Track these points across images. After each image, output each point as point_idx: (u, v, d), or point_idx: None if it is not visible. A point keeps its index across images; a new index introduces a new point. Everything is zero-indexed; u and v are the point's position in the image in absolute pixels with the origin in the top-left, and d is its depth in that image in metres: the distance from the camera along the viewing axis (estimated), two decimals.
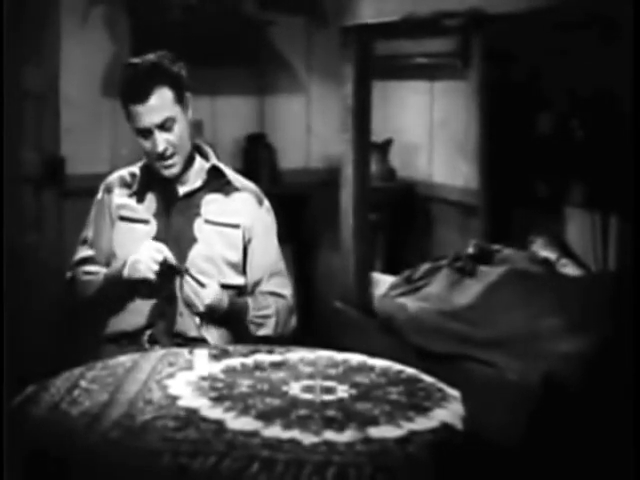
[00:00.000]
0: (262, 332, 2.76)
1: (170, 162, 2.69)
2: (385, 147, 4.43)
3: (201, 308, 2.64)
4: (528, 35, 3.41)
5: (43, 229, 4.12)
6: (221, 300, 2.68)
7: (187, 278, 2.64)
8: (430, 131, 4.40)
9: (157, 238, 2.71)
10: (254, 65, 4.47)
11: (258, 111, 4.56)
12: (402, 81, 4.51)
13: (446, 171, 4.31)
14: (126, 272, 2.65)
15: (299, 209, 4.44)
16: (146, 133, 2.64)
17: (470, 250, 3.18)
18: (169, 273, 2.64)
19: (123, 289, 2.68)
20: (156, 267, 2.60)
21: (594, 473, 2.23)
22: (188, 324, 2.68)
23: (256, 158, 4.46)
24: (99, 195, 2.84)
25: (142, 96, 2.60)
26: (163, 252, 2.62)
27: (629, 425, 1.85)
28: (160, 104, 2.62)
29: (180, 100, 2.66)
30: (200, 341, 2.66)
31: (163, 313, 2.69)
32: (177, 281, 2.65)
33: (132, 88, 2.63)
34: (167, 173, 2.71)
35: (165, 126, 2.63)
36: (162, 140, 2.64)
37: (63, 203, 4.11)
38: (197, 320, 2.68)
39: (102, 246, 2.81)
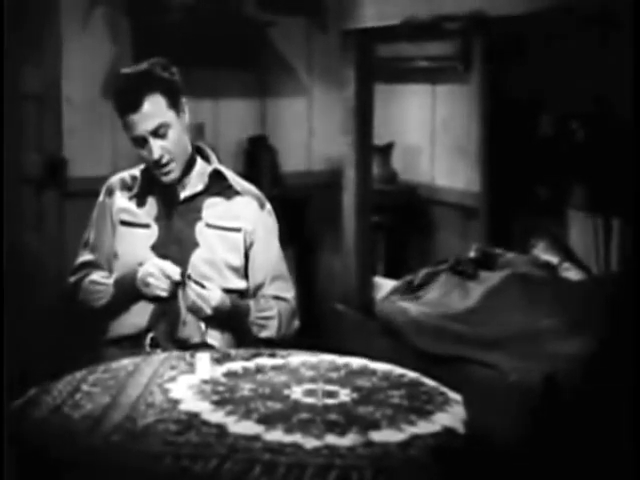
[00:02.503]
0: (265, 334, 2.76)
1: (167, 169, 2.69)
2: (387, 150, 4.43)
3: (209, 311, 2.64)
4: (529, 38, 3.41)
5: (44, 230, 4.12)
6: (224, 301, 2.68)
7: (190, 284, 2.64)
8: (432, 134, 4.40)
9: (158, 242, 2.71)
10: (255, 67, 4.47)
11: (260, 113, 4.56)
12: (404, 84, 4.51)
13: (447, 174, 4.31)
14: (138, 285, 2.66)
15: (301, 211, 4.44)
16: (141, 141, 2.65)
17: (472, 254, 3.18)
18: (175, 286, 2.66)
19: (136, 295, 2.69)
20: (167, 287, 2.62)
21: (595, 474, 2.23)
22: (192, 331, 2.68)
23: (258, 160, 4.45)
24: (100, 197, 2.84)
25: (134, 105, 2.60)
26: (168, 271, 2.63)
27: (630, 426, 1.86)
28: (153, 111, 2.62)
29: (174, 105, 2.66)
30: (204, 346, 2.66)
31: (164, 314, 2.69)
32: (179, 290, 2.66)
33: (124, 98, 2.64)
34: (165, 179, 2.71)
35: (159, 133, 2.63)
36: (157, 147, 2.64)
37: (64, 204, 4.11)
38: (202, 326, 2.68)
39: (103, 249, 2.81)
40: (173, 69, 2.69)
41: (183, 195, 2.76)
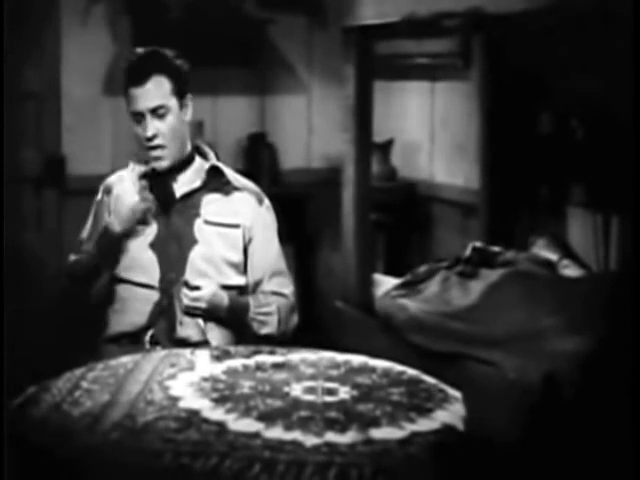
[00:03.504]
0: (265, 330, 2.76)
1: (159, 153, 2.68)
2: (386, 147, 4.43)
3: (204, 305, 2.64)
4: (528, 35, 3.40)
5: (43, 228, 4.12)
6: (222, 298, 2.68)
7: (183, 289, 2.64)
8: (431, 131, 4.40)
9: (157, 239, 2.72)
10: (255, 65, 4.47)
11: (259, 111, 4.56)
12: (403, 81, 4.51)
13: (447, 171, 4.31)
14: (112, 219, 2.66)
15: (300, 209, 4.44)
16: (140, 118, 2.66)
17: (468, 253, 3.17)
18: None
19: (113, 243, 2.68)
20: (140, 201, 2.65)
21: (594, 473, 2.23)
22: (190, 331, 2.68)
23: (257, 158, 4.46)
24: (99, 196, 2.85)
25: (140, 79, 2.64)
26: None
27: (629, 425, 1.86)
28: (156, 90, 2.64)
29: (178, 94, 2.68)
30: (204, 344, 2.66)
31: (163, 312, 2.68)
32: (174, 291, 2.66)
33: (132, 71, 2.68)
34: (156, 165, 2.71)
35: (158, 112, 2.65)
36: (153, 126, 2.65)
37: (64, 202, 4.11)
38: (201, 323, 2.68)
39: None
40: (185, 62, 2.72)
41: (181, 192, 2.76)
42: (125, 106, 2.71)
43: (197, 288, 2.65)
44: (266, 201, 2.85)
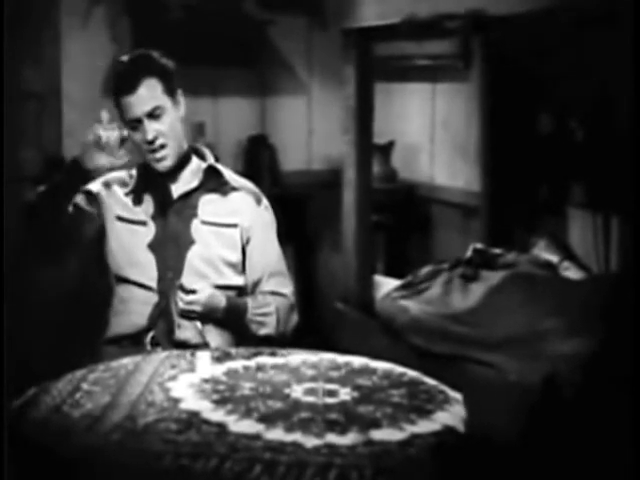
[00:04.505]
0: (264, 331, 2.75)
1: (161, 154, 2.68)
2: (387, 149, 4.43)
3: (199, 309, 2.64)
4: (528, 36, 3.41)
5: None
6: (220, 301, 2.68)
7: (178, 293, 2.64)
8: (431, 133, 4.40)
9: (155, 240, 2.71)
10: (256, 66, 4.48)
11: (260, 112, 4.56)
12: (404, 83, 4.52)
13: (447, 173, 4.31)
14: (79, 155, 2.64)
15: (300, 210, 4.44)
16: (136, 124, 2.65)
17: (469, 255, 3.18)
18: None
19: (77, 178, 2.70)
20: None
21: (594, 474, 2.23)
22: (189, 333, 2.68)
23: (258, 159, 4.46)
24: (95, 188, 2.82)
25: (131, 86, 2.63)
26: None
27: (629, 426, 1.86)
28: (149, 93, 2.64)
29: (170, 93, 2.68)
30: (204, 346, 2.65)
31: (162, 314, 2.68)
32: (171, 293, 2.66)
33: (121, 80, 2.67)
34: (159, 166, 2.70)
35: (154, 114, 2.64)
36: (151, 129, 2.65)
37: None
38: (199, 325, 2.67)
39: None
40: (169, 60, 2.72)
41: (179, 192, 2.76)
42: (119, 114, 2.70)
43: (193, 292, 2.65)
44: (264, 201, 2.85)
